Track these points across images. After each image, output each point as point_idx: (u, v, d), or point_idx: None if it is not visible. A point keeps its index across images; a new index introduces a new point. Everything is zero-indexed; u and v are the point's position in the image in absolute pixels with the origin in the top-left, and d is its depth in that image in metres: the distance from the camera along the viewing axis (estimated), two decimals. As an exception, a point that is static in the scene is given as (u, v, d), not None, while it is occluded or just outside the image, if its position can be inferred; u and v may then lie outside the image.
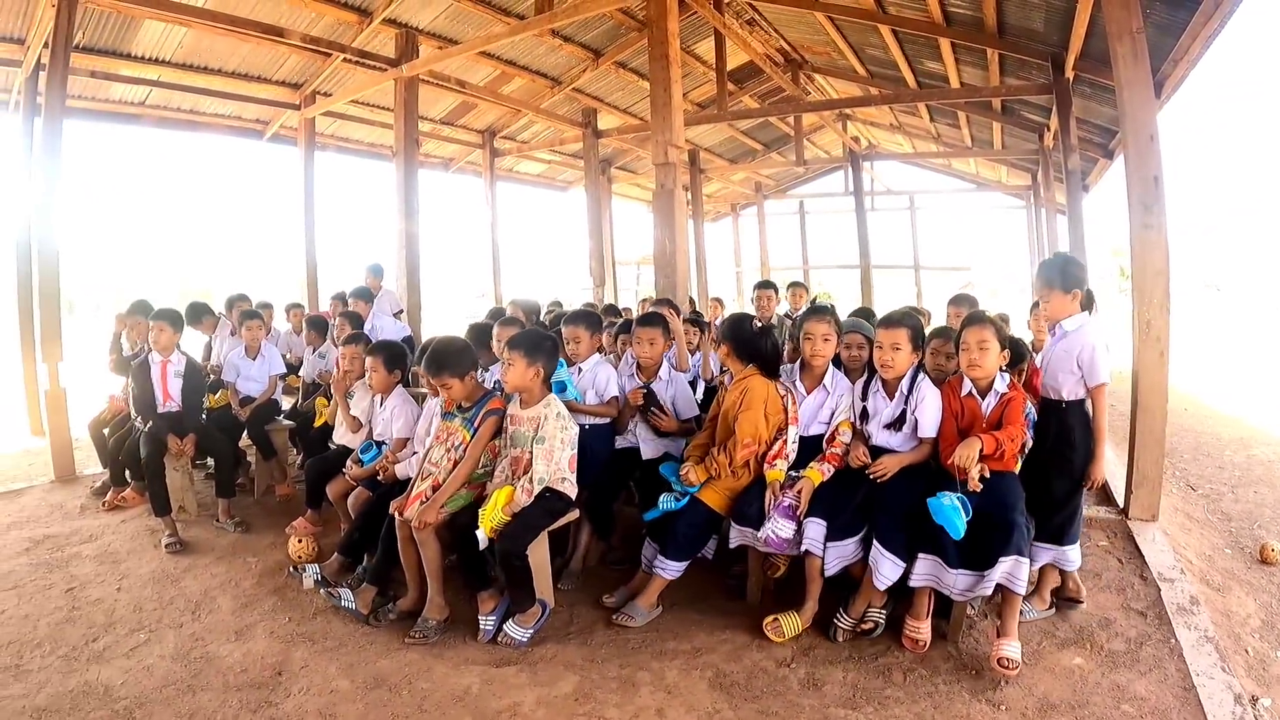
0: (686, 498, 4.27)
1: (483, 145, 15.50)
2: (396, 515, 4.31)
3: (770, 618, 4.00)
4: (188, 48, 10.01)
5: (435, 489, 4.29)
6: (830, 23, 11.34)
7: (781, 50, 13.93)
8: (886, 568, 3.79)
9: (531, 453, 4.22)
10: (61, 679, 3.77)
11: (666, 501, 4.29)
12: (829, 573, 3.99)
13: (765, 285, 9.03)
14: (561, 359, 4.75)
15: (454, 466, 4.35)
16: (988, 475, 3.76)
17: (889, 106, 15.67)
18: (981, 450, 3.77)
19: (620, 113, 14.92)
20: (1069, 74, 8.92)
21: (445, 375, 4.37)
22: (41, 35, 8.23)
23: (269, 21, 9.37)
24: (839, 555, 4.00)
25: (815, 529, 3.98)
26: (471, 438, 4.36)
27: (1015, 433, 3.85)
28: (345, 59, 10.70)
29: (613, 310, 8.13)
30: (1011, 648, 3.54)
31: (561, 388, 4.69)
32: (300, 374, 7.81)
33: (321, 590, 4.55)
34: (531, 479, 4.15)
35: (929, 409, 4.04)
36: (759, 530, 4.04)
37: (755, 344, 4.43)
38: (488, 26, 10.59)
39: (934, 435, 4.05)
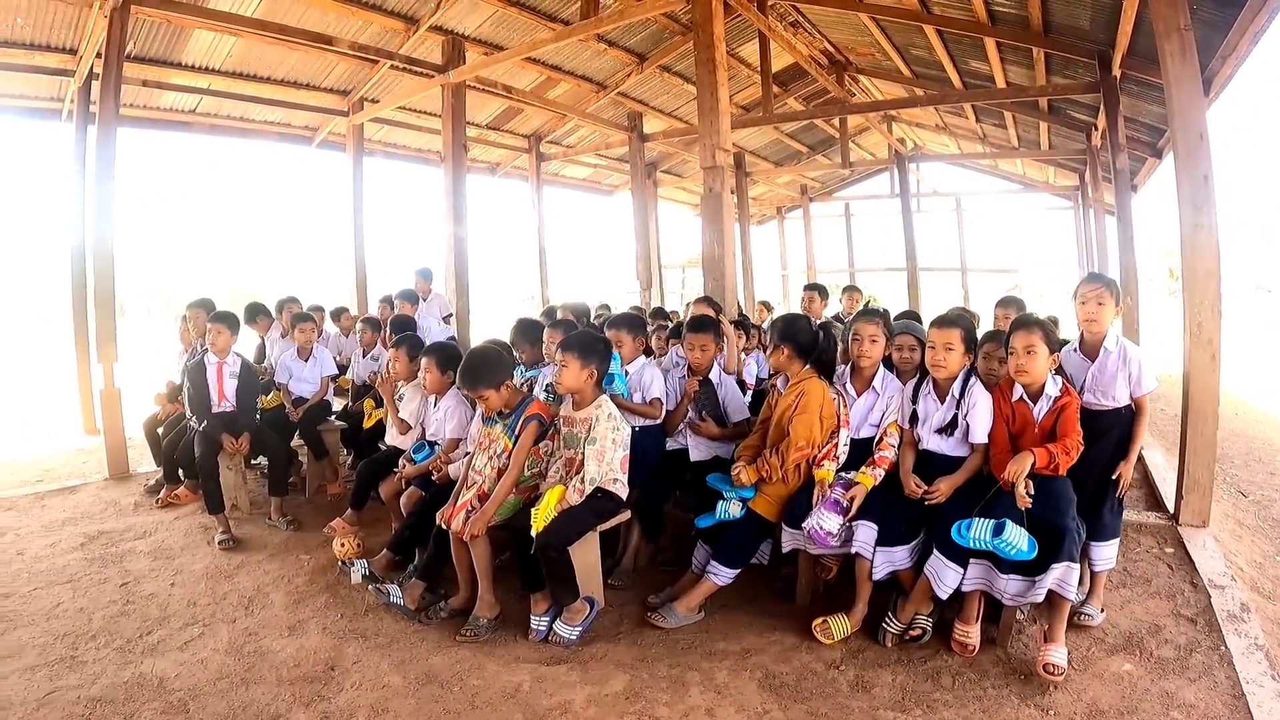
0: (744, 508, 4.24)
1: (529, 150, 15.57)
2: (444, 525, 4.34)
3: (819, 620, 3.99)
4: (237, 56, 10.18)
5: (481, 498, 4.30)
6: (874, 23, 11.26)
7: (825, 52, 13.87)
8: (949, 577, 3.75)
9: (584, 453, 4.23)
10: (116, 670, 3.83)
11: (724, 510, 4.25)
12: (877, 577, 3.98)
13: (812, 287, 8.99)
14: (616, 353, 4.76)
15: (497, 475, 4.36)
16: (1032, 492, 3.69)
17: (934, 107, 15.53)
18: (1034, 464, 3.73)
19: (665, 116, 14.93)
20: (1116, 72, 8.77)
21: (480, 388, 4.38)
22: (94, 45, 8.41)
23: (317, 30, 9.51)
24: (888, 561, 3.98)
25: (866, 532, 3.97)
26: (513, 445, 4.36)
27: (1070, 445, 3.79)
28: (393, 66, 10.82)
29: (661, 313, 8.14)
30: (1058, 653, 3.50)
31: (611, 379, 4.68)
32: (349, 375, 7.89)
33: (370, 586, 4.60)
34: (583, 479, 4.16)
35: (980, 414, 3.99)
36: (806, 524, 4.02)
37: (816, 343, 4.43)
38: (533, 32, 10.65)
39: (985, 441, 4.00)
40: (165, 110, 11.30)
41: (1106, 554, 4.04)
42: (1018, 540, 3.51)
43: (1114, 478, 4.04)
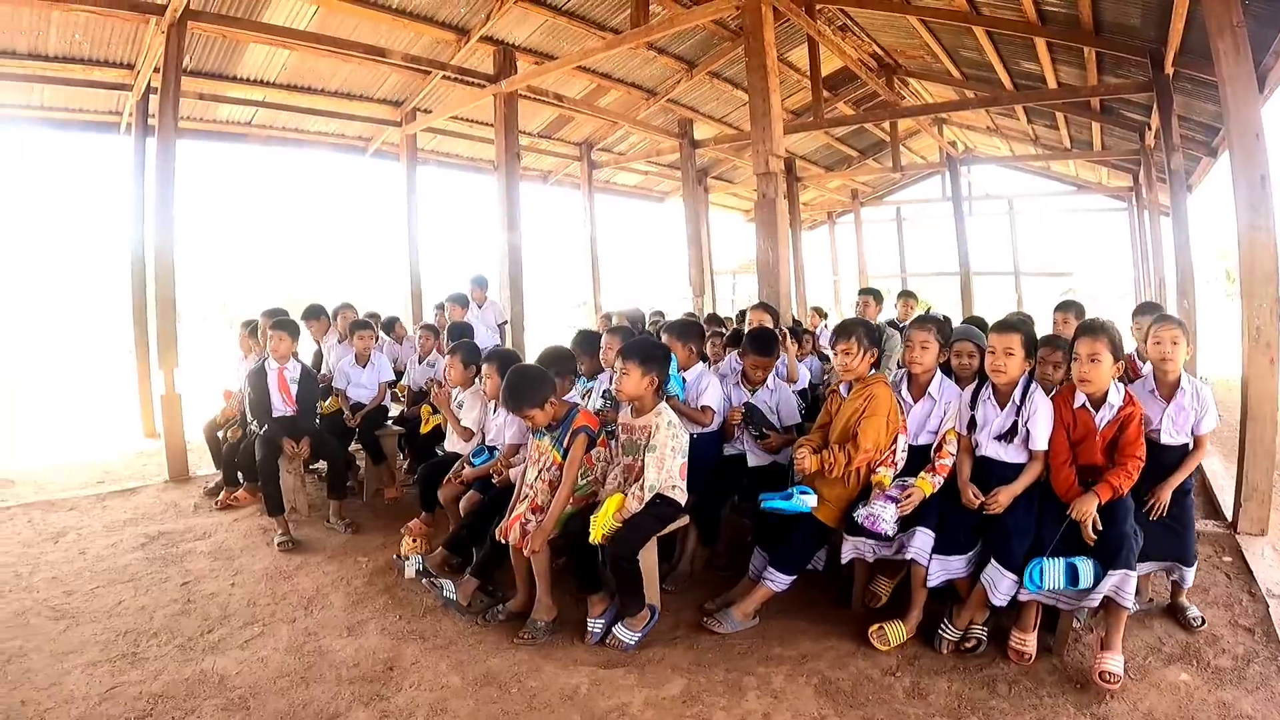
0: (806, 508, 4.18)
1: (580, 158, 15.67)
2: (502, 540, 4.35)
3: (875, 626, 3.96)
4: (291, 69, 10.36)
5: (534, 510, 4.31)
6: (923, 26, 11.17)
7: (875, 55, 13.78)
8: (1005, 584, 3.72)
9: (644, 461, 4.22)
10: (177, 667, 3.90)
11: (797, 501, 4.16)
12: (932, 584, 3.95)
13: (867, 292, 8.93)
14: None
15: (548, 486, 4.37)
16: (1100, 528, 3.64)
17: (985, 110, 15.34)
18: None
19: (716, 122, 14.94)
20: (1168, 71, 8.61)
21: (524, 408, 4.34)
22: (151, 60, 8.61)
23: (370, 42, 9.65)
24: (944, 569, 3.94)
25: (923, 539, 3.93)
26: (563, 458, 4.34)
27: (1132, 468, 3.73)
28: (445, 76, 10.95)
29: (715, 320, 8.11)
30: (1114, 662, 3.45)
31: (668, 379, 4.67)
32: (405, 381, 7.96)
33: (423, 580, 4.66)
34: (643, 486, 4.15)
35: (1041, 421, 3.92)
36: (858, 513, 3.99)
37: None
38: (583, 41, 10.70)
39: (1046, 448, 3.93)
40: (221, 122, 11.53)
41: (1190, 575, 3.99)
42: (1086, 578, 3.52)
43: (1146, 498, 3.95)
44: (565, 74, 11.47)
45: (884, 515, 3.90)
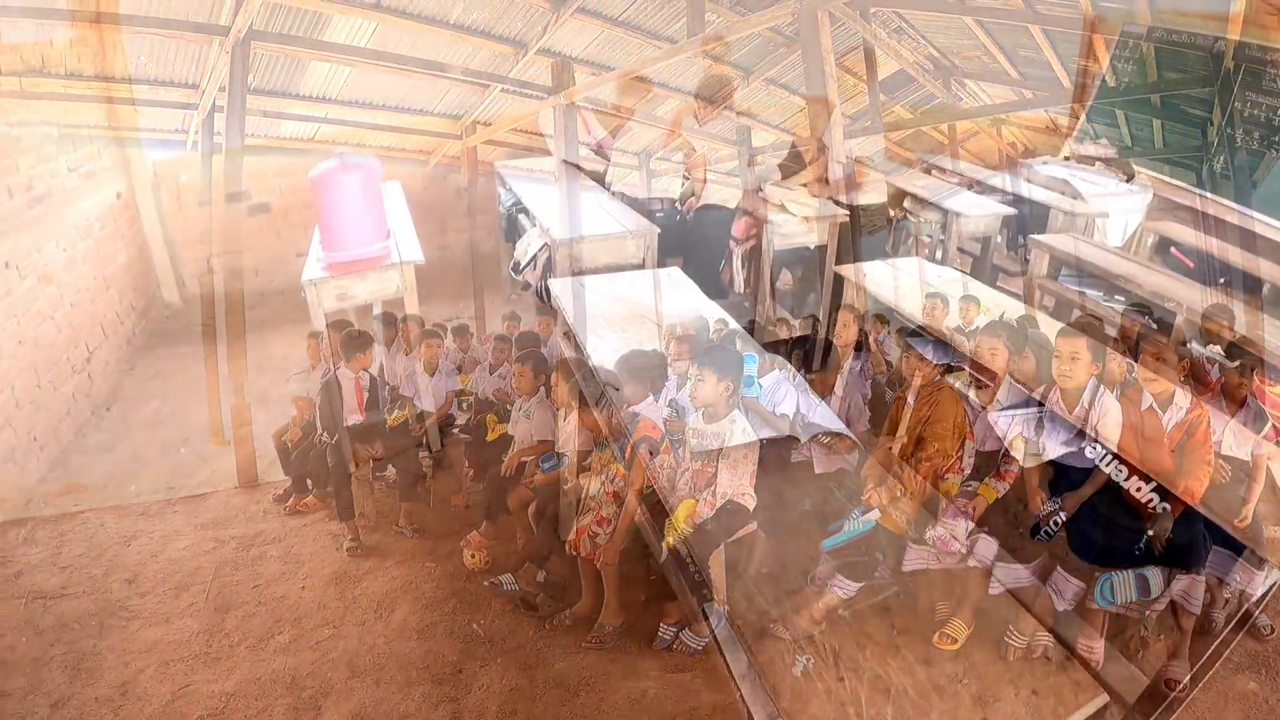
0: (871, 524, 4.18)
1: (639, 167, 15.62)
2: (572, 553, 4.38)
3: (937, 634, 3.93)
4: (352, 85, 10.49)
5: (599, 523, 4.33)
6: (979, 26, 11.05)
7: (931, 57, 13.65)
8: (1070, 591, 3.69)
9: (715, 467, 4.23)
10: (250, 667, 4.01)
11: (855, 525, 4.19)
12: (995, 591, 3.91)
13: (934, 296, 8.86)
14: (753, 354, 4.80)
15: (613, 497, 4.39)
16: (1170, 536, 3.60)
17: (1044, 109, 15.11)
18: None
19: (773, 129, 14.85)
20: (1229, 64, 8.45)
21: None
22: (216, 80, 8.80)
23: (429, 58, 9.76)
24: (1009, 576, 3.90)
25: (985, 546, 3.91)
26: (625, 470, 4.36)
27: (1203, 475, 3.68)
28: (504, 89, 11.03)
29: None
30: (1179, 668, 3.41)
31: (750, 382, 4.68)
32: (470, 388, 8.02)
33: (485, 581, 4.74)
34: (715, 493, 4.16)
35: (1110, 424, 3.87)
36: (929, 535, 3.96)
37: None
38: (639, 51, 10.73)
39: (1115, 451, 3.88)
40: (285, 139, 11.70)
41: (1259, 582, 3.90)
42: (1156, 587, 3.49)
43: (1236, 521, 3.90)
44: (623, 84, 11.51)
45: (955, 533, 3.86)
